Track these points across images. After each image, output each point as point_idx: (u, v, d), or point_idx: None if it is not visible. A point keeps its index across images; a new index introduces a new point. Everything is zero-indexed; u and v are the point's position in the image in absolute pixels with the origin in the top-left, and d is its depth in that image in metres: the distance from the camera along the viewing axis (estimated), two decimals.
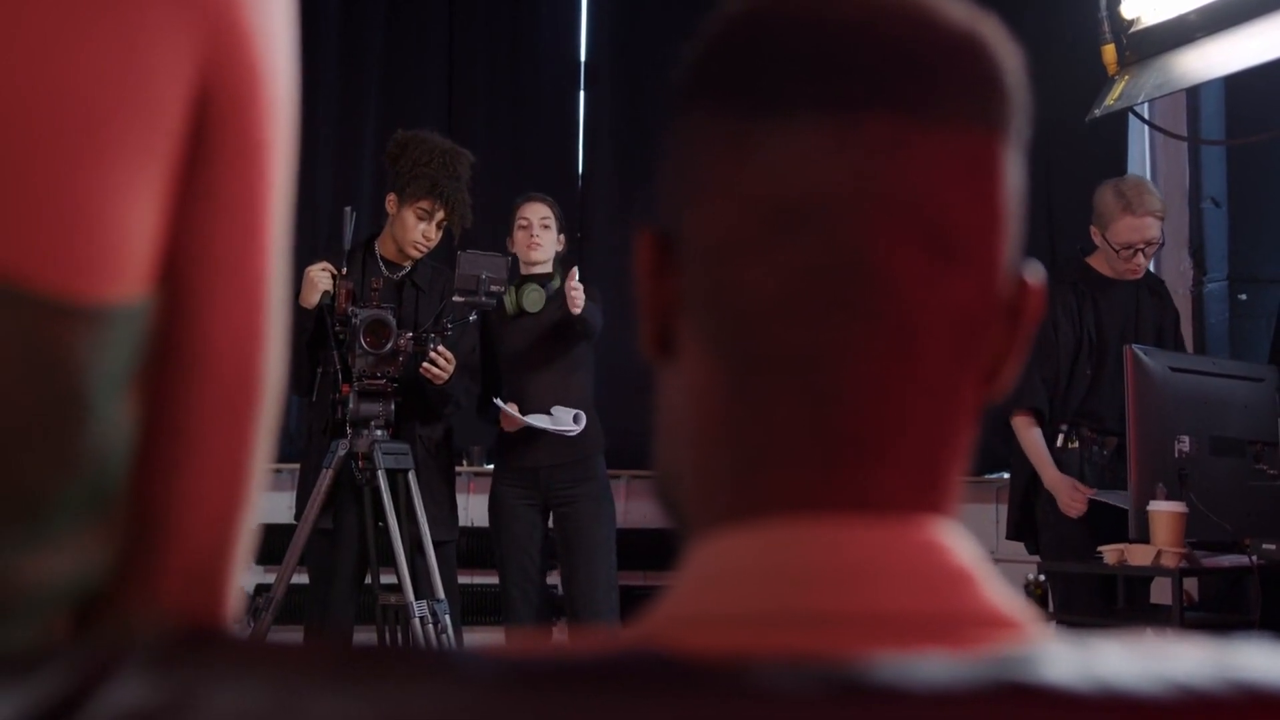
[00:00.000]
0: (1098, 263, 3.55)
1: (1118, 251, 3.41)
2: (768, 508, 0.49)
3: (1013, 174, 0.52)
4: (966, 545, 0.50)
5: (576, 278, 3.51)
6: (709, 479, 0.52)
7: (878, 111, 0.49)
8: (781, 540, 0.48)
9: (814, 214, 0.49)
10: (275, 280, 0.60)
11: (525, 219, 3.71)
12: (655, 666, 0.41)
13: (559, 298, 3.67)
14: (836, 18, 0.50)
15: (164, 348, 0.56)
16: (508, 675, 0.39)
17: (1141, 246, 3.40)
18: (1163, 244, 3.53)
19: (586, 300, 3.51)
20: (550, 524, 3.74)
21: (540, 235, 3.70)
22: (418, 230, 3.43)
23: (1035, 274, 0.53)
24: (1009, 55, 0.52)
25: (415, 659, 0.39)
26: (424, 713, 0.38)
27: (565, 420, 3.59)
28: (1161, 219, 3.44)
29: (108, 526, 0.55)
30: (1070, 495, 3.33)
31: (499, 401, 3.60)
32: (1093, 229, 3.49)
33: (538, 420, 3.57)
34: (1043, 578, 3.30)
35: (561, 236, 3.77)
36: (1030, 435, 3.46)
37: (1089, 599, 3.33)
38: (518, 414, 3.56)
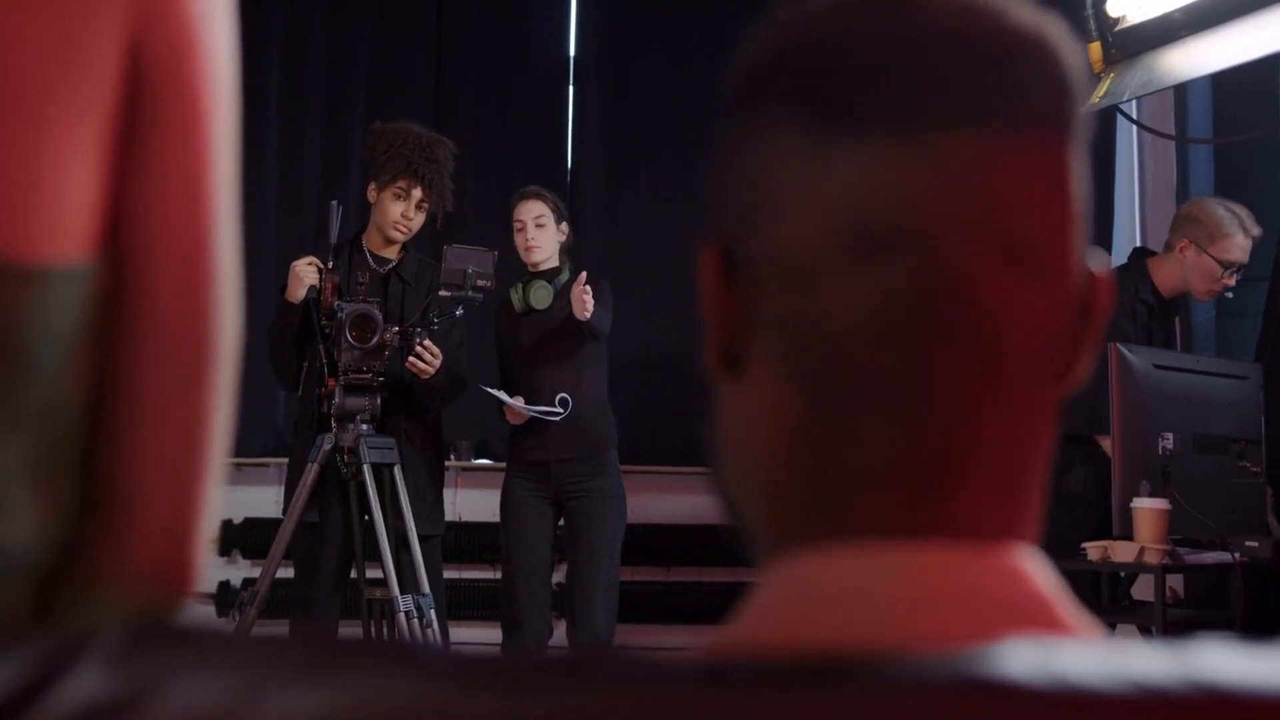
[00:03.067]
0: (1160, 274, 3.47)
1: (1224, 268, 3.35)
2: (852, 532, 0.49)
3: (1080, 172, 0.51)
4: (1046, 571, 0.50)
5: (585, 280, 3.48)
6: (786, 501, 0.51)
7: (959, 127, 0.48)
8: (865, 566, 0.48)
9: (900, 234, 0.48)
10: (224, 246, 0.60)
11: (519, 220, 3.68)
12: (623, 663, 0.41)
13: (569, 292, 3.65)
14: (909, 28, 0.49)
15: (112, 310, 0.56)
16: (471, 669, 0.39)
17: (1237, 269, 3.37)
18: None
19: (595, 304, 3.49)
20: (560, 518, 3.74)
21: (535, 236, 3.66)
22: (395, 209, 3.43)
23: (1101, 264, 0.52)
24: (1074, 54, 0.52)
25: (378, 652, 0.39)
26: (386, 706, 0.38)
27: (555, 410, 3.58)
28: (1256, 245, 3.40)
29: (56, 492, 0.55)
30: None
31: (497, 393, 3.57)
32: (1185, 242, 3.41)
33: (529, 408, 3.56)
34: None
35: (564, 226, 3.73)
36: None
37: (1073, 595, 3.32)
38: (520, 404, 3.55)
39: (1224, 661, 0.40)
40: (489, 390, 3.59)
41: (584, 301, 3.46)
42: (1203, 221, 3.37)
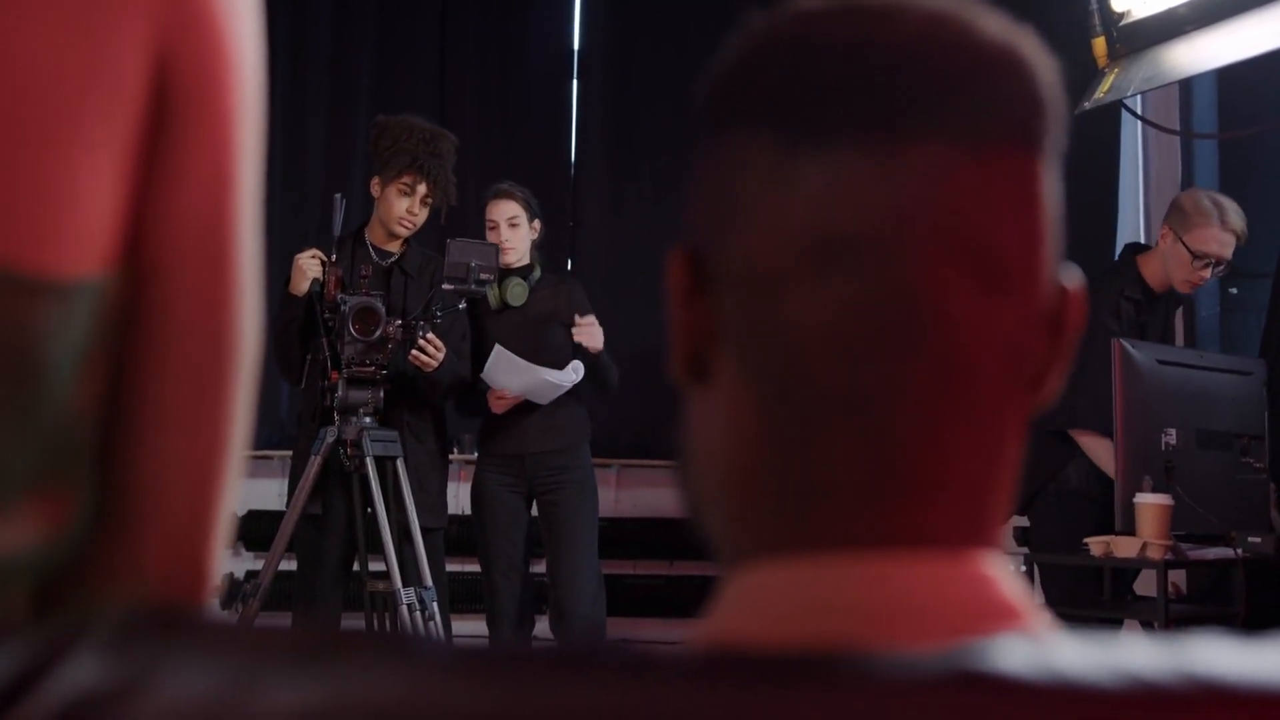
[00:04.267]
0: (1148, 268, 3.43)
1: (1193, 258, 3.30)
2: (813, 543, 0.49)
3: (1052, 188, 0.51)
4: (1012, 578, 0.50)
5: (588, 321, 3.56)
6: (748, 510, 0.51)
7: (924, 139, 0.48)
8: (828, 574, 0.48)
9: (861, 246, 0.48)
10: (246, 253, 0.60)
11: (492, 220, 3.67)
12: (616, 656, 0.41)
13: (542, 289, 3.69)
14: (877, 39, 0.49)
15: (131, 321, 0.56)
16: (463, 659, 0.39)
17: (1214, 261, 3.32)
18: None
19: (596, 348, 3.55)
20: (534, 512, 3.74)
21: (509, 236, 3.64)
22: (401, 206, 3.43)
23: (1074, 280, 0.52)
24: (1046, 68, 0.51)
25: (372, 643, 0.39)
26: (380, 697, 0.38)
27: (569, 376, 3.57)
28: (1240, 243, 3.35)
29: (67, 500, 0.55)
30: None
31: (504, 354, 3.56)
32: (1164, 229, 3.38)
33: (546, 372, 3.55)
34: (1022, 567, 3.29)
35: (535, 224, 3.73)
36: (1104, 449, 3.22)
37: (1082, 590, 3.32)
38: (541, 369, 3.53)
39: (1216, 655, 0.41)
40: (503, 351, 3.55)
41: (593, 336, 3.55)
42: (1184, 210, 3.34)
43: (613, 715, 0.38)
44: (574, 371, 3.58)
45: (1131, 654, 0.41)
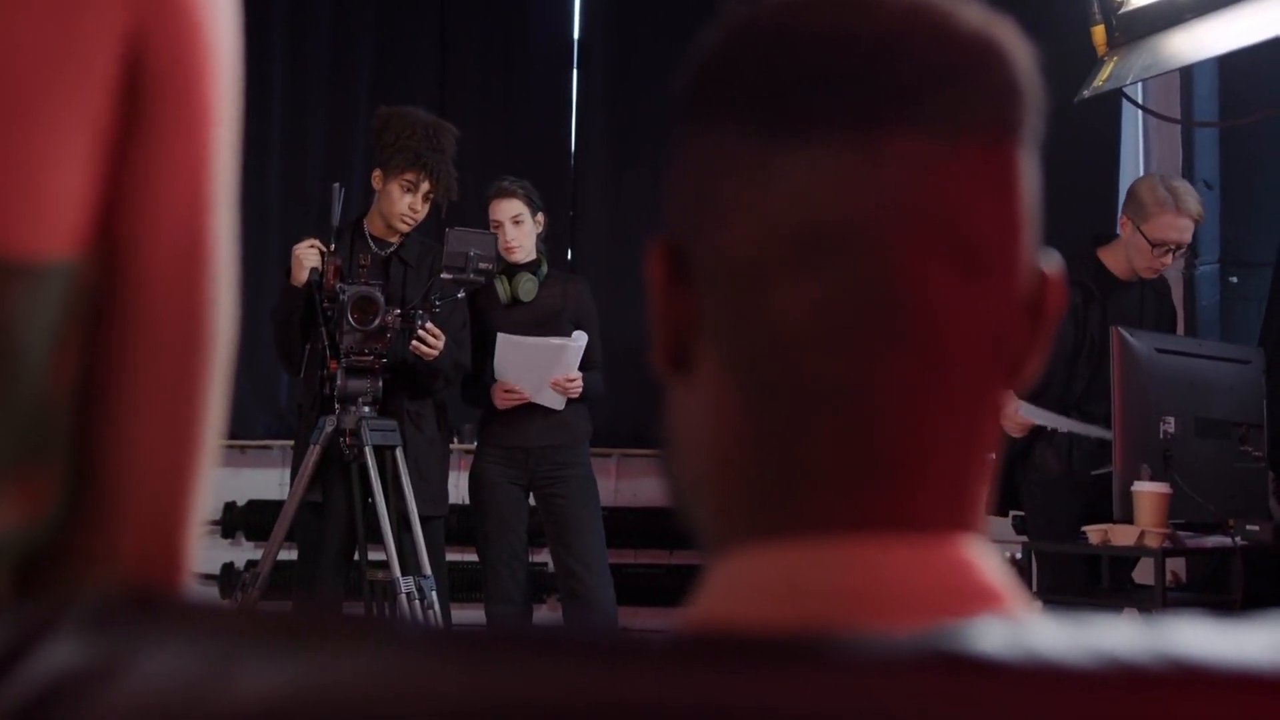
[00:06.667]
0: (1111, 257, 3.45)
1: (1152, 247, 3.31)
2: (796, 527, 0.49)
3: (1030, 175, 0.52)
4: (994, 561, 0.50)
5: (570, 378, 3.57)
6: (731, 497, 0.51)
7: (904, 130, 0.48)
8: (810, 558, 0.48)
9: (842, 238, 0.48)
10: (221, 241, 0.60)
11: (496, 220, 3.67)
12: (592, 636, 0.41)
13: (550, 286, 3.70)
14: (855, 30, 0.49)
15: (103, 306, 0.56)
16: (441, 642, 0.39)
17: (1174, 247, 3.32)
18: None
19: (585, 351, 3.59)
20: (532, 504, 3.75)
21: (514, 235, 3.65)
22: (403, 202, 3.43)
23: (1052, 264, 0.53)
24: (1024, 55, 0.51)
25: (349, 624, 0.40)
26: (355, 676, 0.38)
27: (577, 340, 3.58)
28: (1198, 224, 3.36)
29: (44, 483, 0.55)
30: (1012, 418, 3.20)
31: (520, 341, 3.55)
32: (1123, 219, 3.39)
33: (554, 341, 3.56)
34: (1019, 555, 3.29)
35: (539, 217, 3.74)
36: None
37: (1073, 578, 3.32)
38: (521, 339, 3.53)
39: (1194, 637, 0.41)
40: (506, 338, 3.56)
41: (570, 389, 3.58)
42: (1140, 199, 3.34)
43: (592, 695, 0.38)
44: (580, 336, 3.59)
45: (1109, 635, 0.41)
